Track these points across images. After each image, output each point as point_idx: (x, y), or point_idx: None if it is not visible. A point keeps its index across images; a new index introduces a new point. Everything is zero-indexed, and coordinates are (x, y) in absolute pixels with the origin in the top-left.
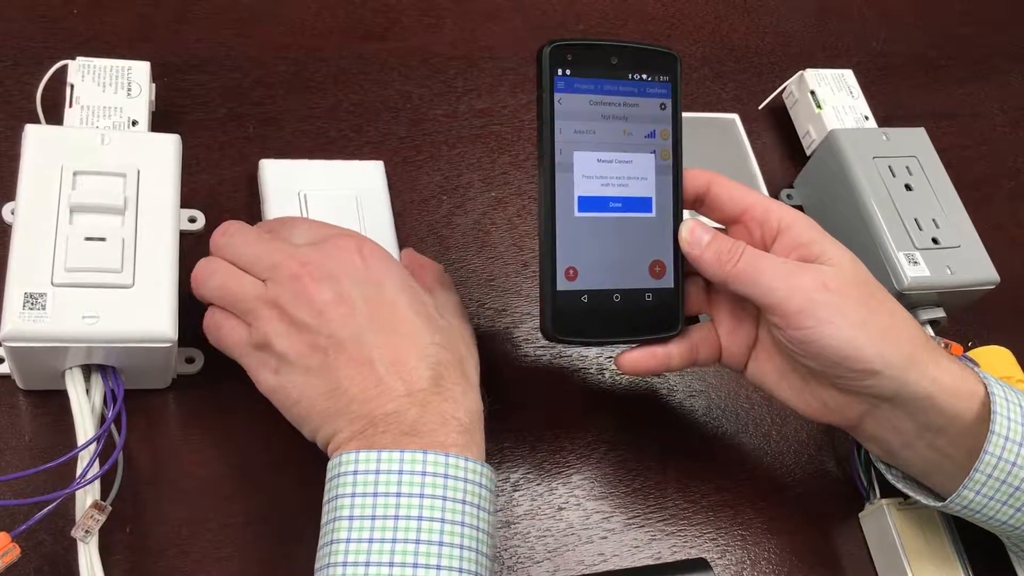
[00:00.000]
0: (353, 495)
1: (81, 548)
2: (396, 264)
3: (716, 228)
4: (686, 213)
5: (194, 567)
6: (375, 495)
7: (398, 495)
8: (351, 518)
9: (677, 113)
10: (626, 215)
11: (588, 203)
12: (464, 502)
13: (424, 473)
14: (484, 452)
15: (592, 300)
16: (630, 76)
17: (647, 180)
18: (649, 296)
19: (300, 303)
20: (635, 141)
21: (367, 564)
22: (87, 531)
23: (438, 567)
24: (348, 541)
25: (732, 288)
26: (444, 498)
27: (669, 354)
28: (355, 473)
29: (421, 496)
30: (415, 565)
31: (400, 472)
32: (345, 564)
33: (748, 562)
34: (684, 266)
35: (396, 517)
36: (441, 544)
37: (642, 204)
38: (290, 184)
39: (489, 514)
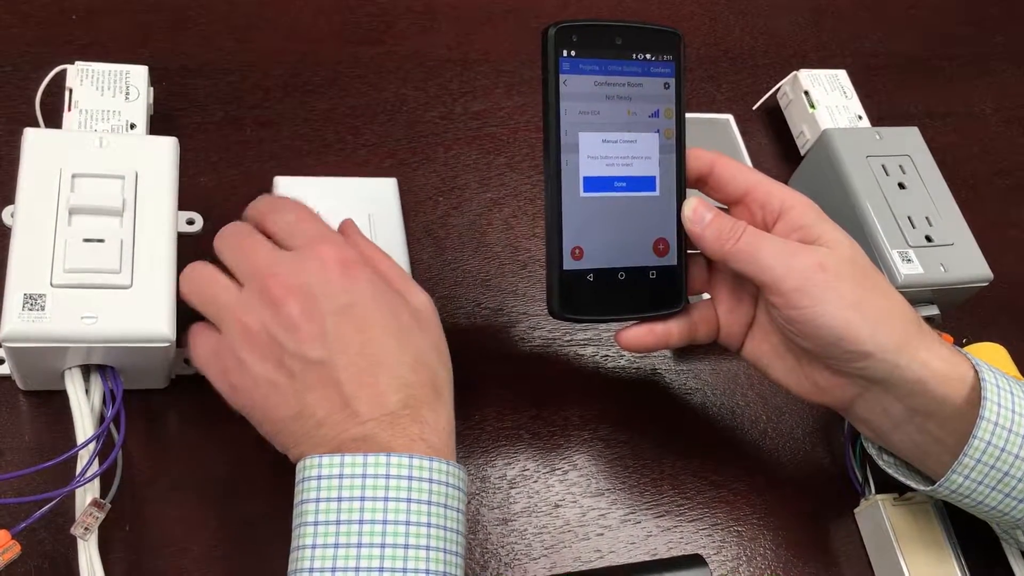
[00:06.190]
0: (317, 500)
1: (81, 545)
2: (374, 276)
3: (719, 208)
4: (689, 192)
5: (192, 565)
6: (339, 499)
7: (362, 499)
8: (315, 523)
9: (680, 92)
10: (630, 194)
11: (593, 183)
12: (430, 503)
13: (388, 476)
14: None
15: (597, 278)
16: (634, 56)
17: (651, 159)
18: (653, 274)
19: (268, 317)
20: (639, 120)
21: (333, 570)
22: (87, 529)
23: (404, 570)
24: (314, 547)
25: (731, 266)
26: (409, 500)
27: (668, 331)
28: (319, 478)
29: (385, 500)
30: (381, 569)
31: (364, 476)
32: (311, 570)
33: (744, 558)
34: (687, 244)
35: (360, 521)
36: (407, 547)
37: (646, 183)
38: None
39: (458, 512)
